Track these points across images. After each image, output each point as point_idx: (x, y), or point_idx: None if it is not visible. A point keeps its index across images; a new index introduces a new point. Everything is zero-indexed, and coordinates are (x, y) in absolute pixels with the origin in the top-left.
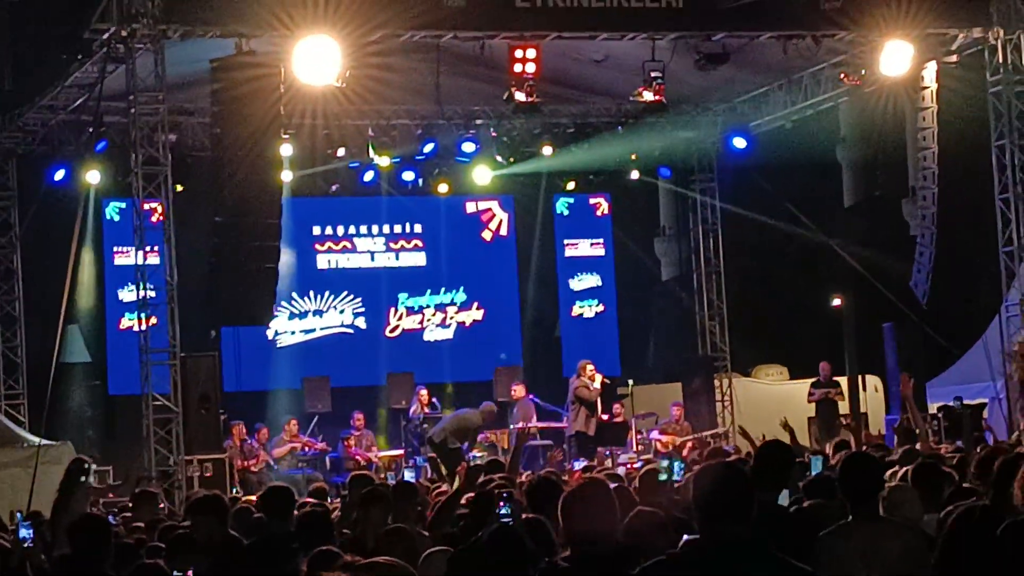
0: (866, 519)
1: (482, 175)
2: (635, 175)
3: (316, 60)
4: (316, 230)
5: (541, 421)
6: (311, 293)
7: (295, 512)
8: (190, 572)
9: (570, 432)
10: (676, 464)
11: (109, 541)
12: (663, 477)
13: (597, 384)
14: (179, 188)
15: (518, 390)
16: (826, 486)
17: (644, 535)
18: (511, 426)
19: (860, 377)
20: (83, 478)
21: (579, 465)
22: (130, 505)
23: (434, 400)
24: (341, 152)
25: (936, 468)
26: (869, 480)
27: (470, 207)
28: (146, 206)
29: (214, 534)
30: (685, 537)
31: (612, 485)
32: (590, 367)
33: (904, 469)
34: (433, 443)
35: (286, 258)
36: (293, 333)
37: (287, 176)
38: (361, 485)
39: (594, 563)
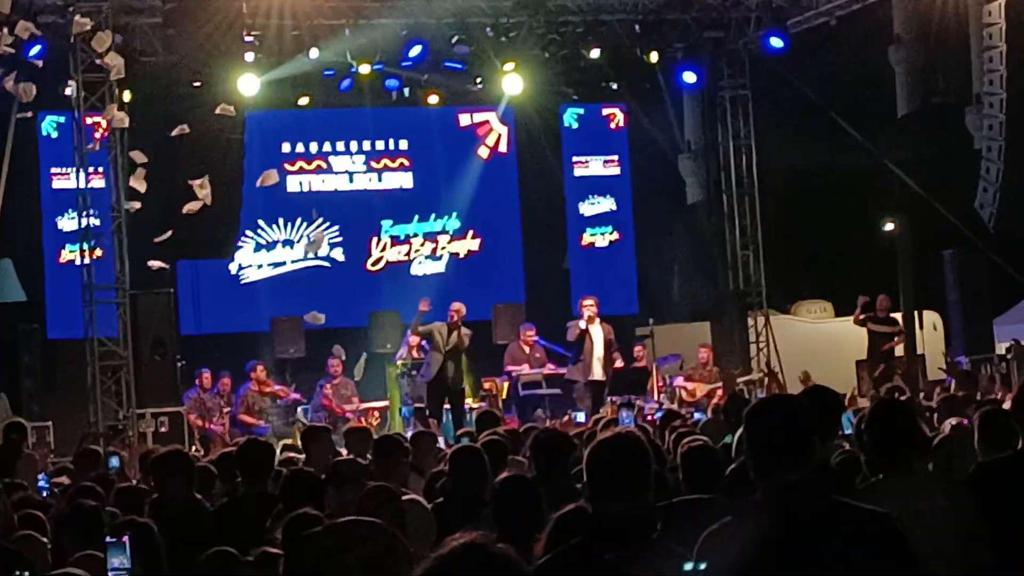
0: (901, 476)
1: (477, 82)
2: (654, 82)
3: None
4: (286, 147)
5: (543, 367)
6: (280, 221)
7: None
8: (125, 539)
9: (569, 378)
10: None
11: None
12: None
13: (582, 324)
14: (126, 99)
15: (529, 335)
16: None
17: None
18: (509, 371)
19: (917, 313)
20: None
21: (580, 417)
22: (71, 467)
23: (424, 343)
24: (314, 55)
25: (1005, 416)
26: (901, 430)
27: (464, 120)
28: (88, 120)
29: (178, 496)
30: None
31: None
32: (588, 302)
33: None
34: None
35: (250, 180)
36: (260, 267)
37: (251, 85)
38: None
39: (616, 522)
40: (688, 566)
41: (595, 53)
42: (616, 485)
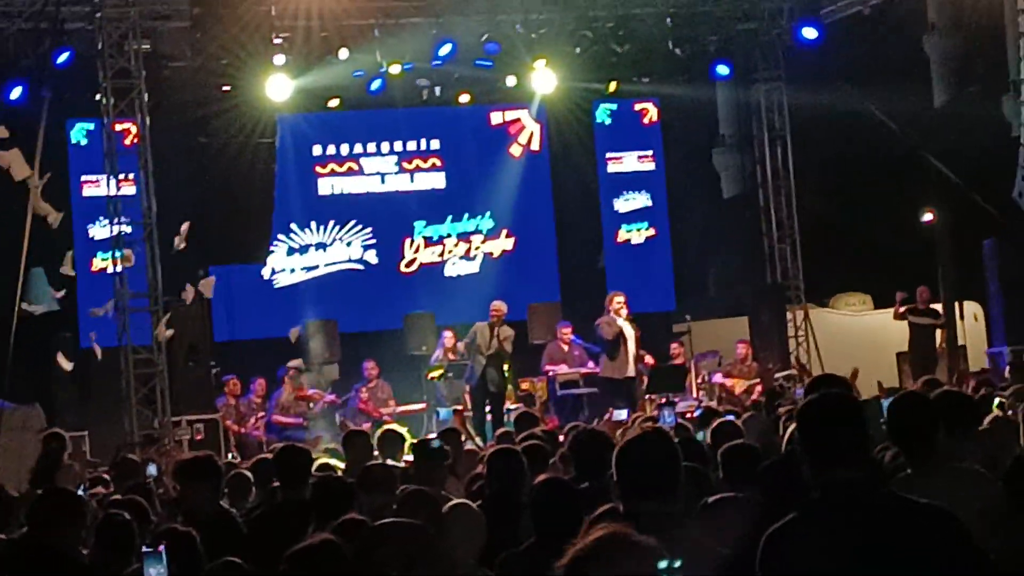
0: (926, 471)
1: (509, 80)
2: (688, 75)
3: None
4: (316, 150)
5: (583, 366)
6: (312, 224)
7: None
8: (161, 548)
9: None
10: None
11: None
12: None
13: (619, 321)
14: (155, 103)
15: (566, 333)
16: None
17: None
18: (547, 371)
19: (957, 304)
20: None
21: (622, 415)
22: (109, 477)
23: (459, 344)
24: (343, 56)
25: None
26: (922, 424)
27: (495, 118)
28: (118, 127)
29: (204, 504)
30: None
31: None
32: (619, 299)
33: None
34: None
35: (282, 184)
36: (293, 271)
37: (281, 88)
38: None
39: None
40: (663, 564)
41: (626, 48)
42: (646, 484)
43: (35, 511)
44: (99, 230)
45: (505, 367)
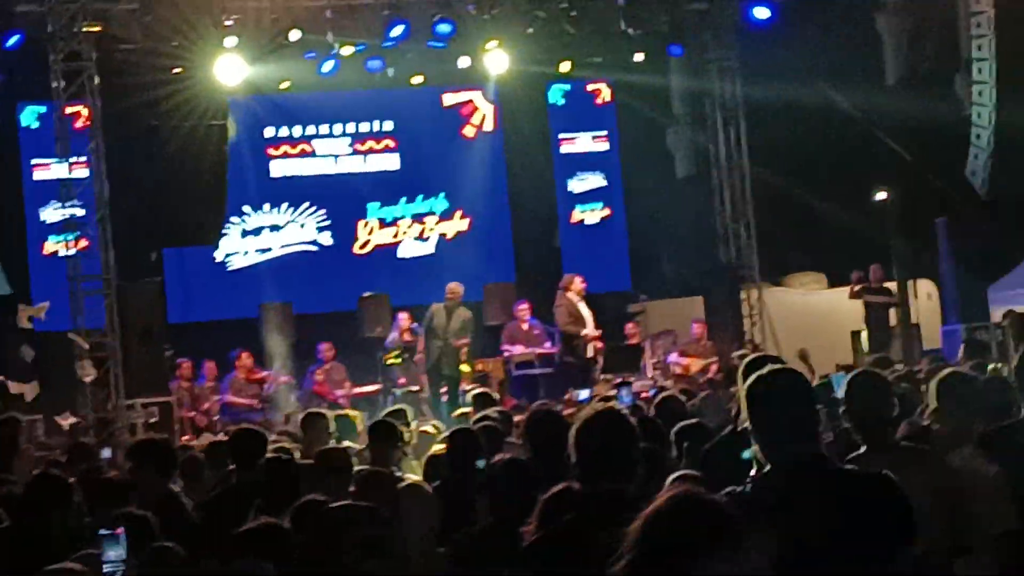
0: (881, 449)
1: (462, 62)
2: (640, 56)
3: None
4: (269, 132)
5: (540, 346)
6: (266, 206)
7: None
8: (120, 530)
9: (567, 358)
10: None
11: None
12: None
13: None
14: (106, 86)
15: (523, 311)
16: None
17: None
18: (504, 351)
19: (911, 282)
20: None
21: (583, 395)
22: (63, 460)
23: (414, 326)
24: (294, 36)
25: (1003, 385)
26: (877, 402)
27: (448, 99)
28: (69, 110)
29: (157, 487)
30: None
31: None
32: (578, 280)
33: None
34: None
35: (234, 166)
36: (247, 253)
37: (232, 70)
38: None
39: (605, 500)
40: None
41: (579, 28)
42: (603, 463)
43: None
44: (51, 213)
45: (463, 349)
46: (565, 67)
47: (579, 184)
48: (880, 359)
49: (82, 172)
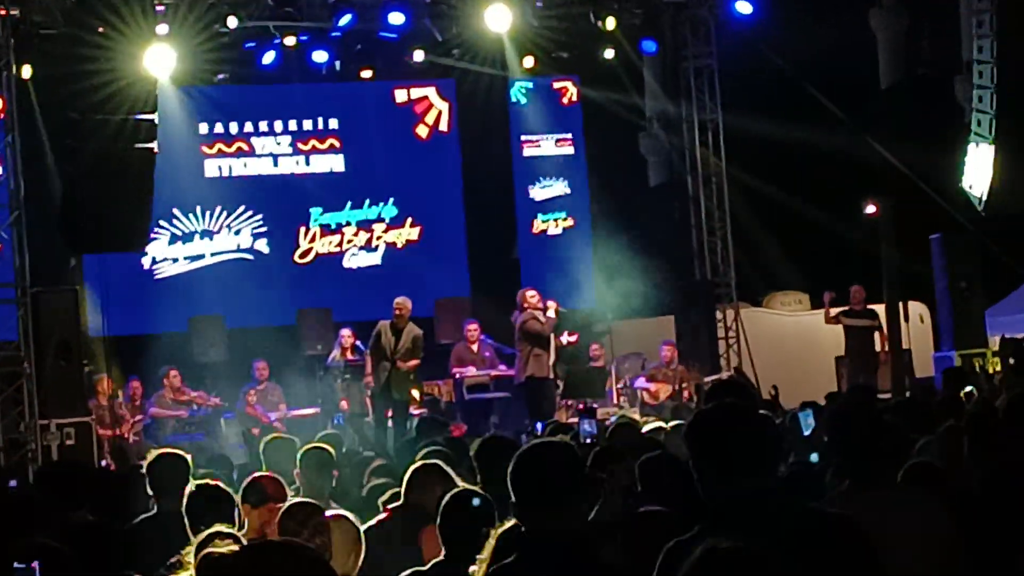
0: (865, 487)
1: (415, 55)
2: (611, 52)
3: None
4: (203, 128)
5: (494, 368)
6: (198, 209)
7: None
8: (35, 564)
9: (519, 380)
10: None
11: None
12: None
13: (551, 313)
14: (24, 75)
15: (472, 331)
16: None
17: None
18: (454, 373)
19: (901, 304)
20: None
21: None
22: None
23: (358, 344)
24: (232, 24)
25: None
26: (862, 435)
27: (400, 96)
28: None
29: (73, 516)
30: None
31: None
32: (532, 294)
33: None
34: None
35: (164, 165)
36: (176, 261)
37: (163, 60)
38: None
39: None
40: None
41: (545, 21)
42: (545, 499)
43: None
44: None
45: (411, 371)
46: (528, 63)
47: (541, 191)
48: (857, 387)
49: None
